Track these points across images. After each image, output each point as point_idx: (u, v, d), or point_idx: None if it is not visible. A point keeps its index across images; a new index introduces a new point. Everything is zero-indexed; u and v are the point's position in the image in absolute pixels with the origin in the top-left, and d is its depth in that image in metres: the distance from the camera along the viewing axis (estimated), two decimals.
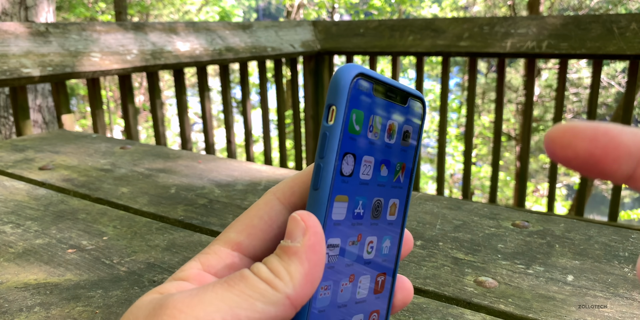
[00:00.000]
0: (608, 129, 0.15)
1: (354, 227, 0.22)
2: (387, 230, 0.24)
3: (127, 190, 0.59)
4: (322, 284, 0.21)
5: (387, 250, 0.24)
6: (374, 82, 0.22)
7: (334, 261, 0.21)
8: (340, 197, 0.21)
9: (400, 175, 0.24)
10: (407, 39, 1.71)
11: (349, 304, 0.22)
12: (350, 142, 0.21)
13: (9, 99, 1.49)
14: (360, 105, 0.21)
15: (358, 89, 0.21)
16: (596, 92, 1.51)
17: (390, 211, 0.24)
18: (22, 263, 0.42)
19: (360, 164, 0.22)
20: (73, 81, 5.61)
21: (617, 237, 0.45)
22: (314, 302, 0.21)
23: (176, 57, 1.43)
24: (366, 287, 0.23)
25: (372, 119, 0.22)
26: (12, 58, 1.10)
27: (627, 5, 6.22)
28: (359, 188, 0.22)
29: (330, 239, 0.21)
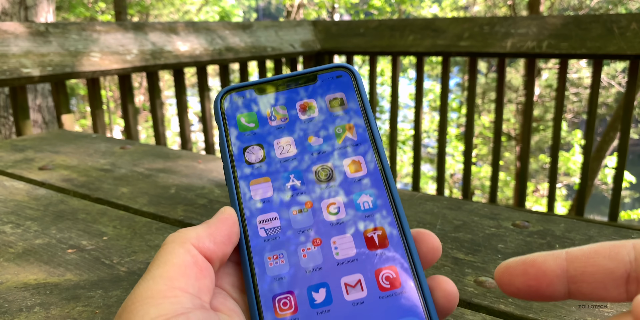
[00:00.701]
0: (534, 260, 0.18)
1: (295, 197, 0.24)
2: (358, 186, 0.24)
3: (127, 190, 0.59)
4: (268, 254, 0.23)
5: (370, 204, 0.24)
6: (252, 87, 0.26)
7: (277, 233, 0.23)
8: (257, 180, 0.25)
9: (349, 136, 0.25)
10: (407, 39, 1.71)
11: (325, 266, 0.22)
12: (247, 137, 0.25)
13: (9, 98, 1.49)
14: (244, 109, 0.26)
15: (233, 101, 0.26)
16: (596, 92, 1.51)
17: (350, 169, 0.24)
18: (21, 263, 0.42)
19: (272, 148, 0.25)
20: (73, 81, 5.62)
21: (617, 237, 0.45)
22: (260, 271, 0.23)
23: (176, 57, 1.43)
24: (348, 246, 0.23)
25: (271, 111, 0.26)
26: (12, 58, 1.10)
27: (627, 5, 6.22)
28: (283, 165, 0.25)
29: (260, 215, 0.24)
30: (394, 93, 1.87)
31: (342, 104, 0.26)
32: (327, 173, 0.24)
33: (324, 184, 0.24)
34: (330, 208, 0.24)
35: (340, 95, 0.26)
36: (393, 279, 0.22)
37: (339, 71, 0.26)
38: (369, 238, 0.23)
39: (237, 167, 0.25)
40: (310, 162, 0.25)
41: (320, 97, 0.26)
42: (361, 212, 0.24)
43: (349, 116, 0.25)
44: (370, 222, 0.23)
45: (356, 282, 0.22)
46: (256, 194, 0.24)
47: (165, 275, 0.20)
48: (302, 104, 0.26)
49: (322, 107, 0.26)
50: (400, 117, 7.32)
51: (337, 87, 0.26)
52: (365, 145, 0.25)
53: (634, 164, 8.28)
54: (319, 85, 0.26)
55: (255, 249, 0.23)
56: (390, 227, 0.23)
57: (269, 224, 0.23)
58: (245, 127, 0.25)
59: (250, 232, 0.24)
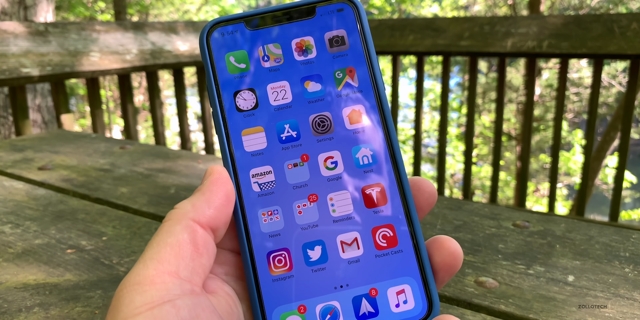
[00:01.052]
0: None
1: (290, 150, 0.22)
2: (357, 139, 0.23)
3: (127, 190, 0.59)
4: (262, 210, 0.22)
5: (370, 159, 0.22)
6: (241, 20, 0.23)
7: (271, 188, 0.22)
8: (249, 130, 0.23)
9: (349, 81, 0.23)
10: (407, 39, 1.71)
11: (321, 223, 0.22)
12: (237, 80, 0.23)
13: (8, 98, 1.49)
14: (234, 46, 0.23)
15: (221, 36, 0.23)
16: (597, 91, 1.50)
17: (350, 120, 0.23)
18: (21, 263, 0.42)
19: (265, 93, 0.23)
20: (72, 81, 5.61)
21: (618, 237, 0.44)
22: (254, 228, 0.22)
23: (176, 57, 1.43)
24: (345, 204, 0.22)
25: (263, 50, 0.23)
26: (12, 58, 1.10)
27: (627, 5, 6.22)
28: (277, 114, 0.23)
29: (254, 169, 0.22)
30: (394, 93, 1.86)
31: (342, 42, 0.23)
32: (325, 123, 0.23)
33: (321, 136, 0.23)
34: (328, 162, 0.22)
35: (341, 33, 0.23)
36: (390, 237, 0.22)
37: (340, 4, 0.23)
38: (367, 195, 0.22)
39: (227, 114, 0.23)
40: (307, 110, 0.23)
41: (318, 34, 0.23)
42: (360, 168, 0.22)
43: (350, 58, 0.23)
44: (369, 178, 0.22)
45: (352, 240, 0.22)
46: (249, 145, 0.22)
47: (156, 258, 0.19)
48: (298, 42, 0.23)
49: (321, 46, 0.23)
50: (401, 117, 7.31)
51: (338, 23, 0.23)
52: (366, 93, 0.23)
53: (634, 164, 8.29)
54: (317, 19, 0.23)
55: (249, 204, 0.22)
56: (389, 184, 0.22)
57: (263, 178, 0.22)
58: (235, 68, 0.23)
59: (243, 186, 0.22)
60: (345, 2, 0.23)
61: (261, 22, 0.23)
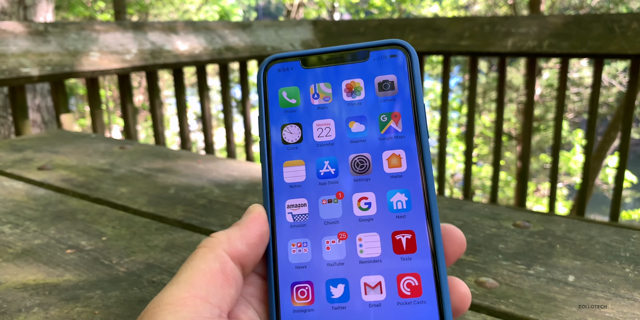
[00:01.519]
0: None
1: (327, 186, 0.23)
2: (394, 183, 0.23)
3: (126, 190, 0.59)
4: (292, 241, 0.23)
5: (404, 205, 0.22)
6: (298, 58, 0.24)
7: (304, 220, 0.23)
8: (291, 162, 0.23)
9: (393, 126, 0.23)
10: (407, 38, 1.71)
11: (348, 262, 0.22)
12: (287, 114, 0.24)
13: (8, 98, 1.49)
14: (288, 82, 0.24)
15: (277, 72, 0.24)
16: (597, 91, 1.50)
17: (389, 164, 0.23)
18: (20, 263, 0.42)
19: (310, 129, 0.24)
20: (72, 81, 5.61)
21: (618, 237, 0.44)
22: (282, 257, 0.22)
23: (175, 57, 1.43)
24: (373, 246, 0.22)
25: (314, 88, 0.24)
26: (11, 57, 1.10)
27: (628, 5, 6.21)
28: (319, 150, 0.23)
29: (290, 199, 0.23)
30: None
31: (392, 88, 0.24)
32: (364, 164, 0.23)
33: (358, 176, 0.23)
34: (362, 202, 0.23)
35: (392, 78, 0.24)
36: (415, 286, 0.21)
37: (394, 49, 0.24)
38: (396, 240, 0.22)
39: (273, 145, 0.24)
40: (348, 149, 0.23)
41: (369, 77, 0.24)
42: (393, 212, 0.22)
43: (397, 103, 0.23)
44: (401, 223, 0.22)
45: (376, 283, 0.21)
46: (288, 176, 0.23)
47: (189, 282, 0.20)
48: (348, 83, 0.24)
49: (370, 89, 0.24)
50: None
51: (389, 68, 0.24)
52: (409, 138, 0.23)
53: (635, 164, 8.28)
54: (370, 63, 0.24)
55: (281, 233, 0.23)
56: (421, 232, 0.22)
57: (297, 210, 0.23)
58: (286, 103, 0.24)
59: (278, 214, 0.23)
60: (398, 49, 0.24)
61: (316, 61, 0.24)
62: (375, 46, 0.24)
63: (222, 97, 1.79)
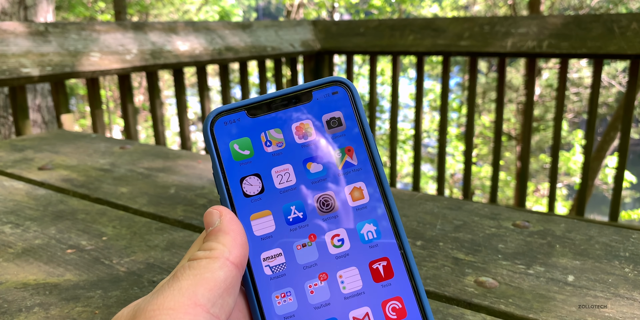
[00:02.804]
0: None
1: (298, 230, 0.23)
2: (360, 215, 0.24)
3: (127, 190, 0.59)
4: (275, 293, 0.23)
5: (374, 234, 0.23)
6: (243, 109, 0.24)
7: (282, 270, 0.23)
8: (257, 215, 0.24)
9: (349, 160, 0.24)
10: (407, 39, 1.71)
11: (333, 301, 0.22)
12: (243, 167, 0.24)
13: (9, 98, 1.49)
14: (237, 134, 0.24)
15: (224, 125, 0.24)
16: (597, 91, 1.50)
17: (353, 197, 0.24)
18: (21, 263, 0.42)
19: (270, 177, 0.24)
20: (72, 81, 5.61)
21: (617, 237, 0.44)
22: (269, 311, 0.22)
23: (176, 57, 1.43)
24: (354, 280, 0.23)
25: (265, 136, 0.24)
26: (12, 58, 1.10)
27: (627, 5, 6.21)
28: (283, 196, 0.24)
29: (264, 252, 0.23)
30: (394, 93, 1.86)
31: (340, 123, 0.24)
32: (329, 202, 0.24)
33: (326, 215, 0.23)
34: (334, 240, 0.23)
35: (338, 115, 0.24)
36: (399, 309, 0.22)
37: (334, 87, 0.25)
38: (374, 270, 0.23)
39: (235, 201, 0.24)
40: (311, 191, 0.24)
41: (316, 117, 0.24)
42: (365, 243, 0.23)
43: (348, 137, 0.24)
44: (375, 252, 0.23)
45: (364, 315, 0.22)
46: (258, 229, 0.23)
47: (192, 289, 0.20)
48: (297, 126, 0.24)
49: (319, 129, 0.24)
50: (401, 117, 7.31)
51: (333, 105, 0.24)
52: (365, 170, 0.24)
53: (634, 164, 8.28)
54: (314, 103, 0.25)
55: (262, 287, 0.23)
56: (394, 257, 0.23)
57: (274, 261, 0.23)
58: (239, 155, 0.24)
59: (255, 270, 0.23)
60: (339, 85, 0.25)
61: (261, 109, 0.24)
62: (316, 86, 0.25)
63: (222, 97, 1.79)
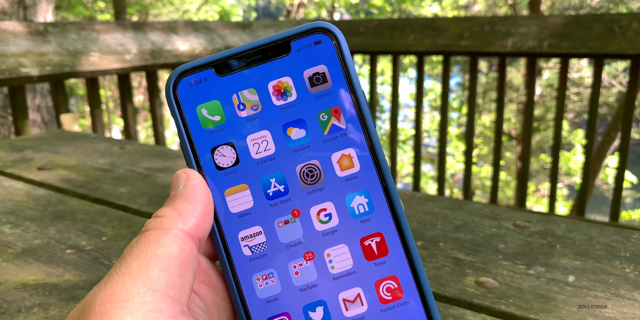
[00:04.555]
0: None
1: (279, 206, 0.21)
2: (350, 187, 0.21)
3: (126, 190, 0.59)
4: (256, 275, 0.21)
5: (366, 207, 0.21)
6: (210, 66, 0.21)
7: (263, 249, 0.21)
8: (232, 189, 0.21)
9: (336, 123, 0.21)
10: (407, 38, 1.71)
11: (321, 282, 0.20)
12: (214, 135, 0.21)
13: (8, 98, 1.49)
14: (205, 97, 0.21)
15: (189, 86, 0.21)
16: (597, 91, 1.50)
17: (341, 166, 0.21)
18: (20, 263, 0.42)
19: (245, 146, 0.21)
20: (72, 81, 5.61)
21: (618, 237, 0.44)
22: (249, 294, 0.20)
23: (175, 57, 1.43)
24: (344, 258, 0.21)
25: (237, 98, 0.21)
26: (11, 57, 1.10)
27: (628, 5, 6.21)
28: (261, 168, 0.21)
29: (242, 231, 0.21)
30: (394, 92, 1.86)
31: (324, 80, 0.21)
32: (314, 173, 0.21)
33: (311, 187, 0.21)
34: (321, 215, 0.21)
35: (322, 69, 0.21)
36: (395, 289, 0.20)
37: (317, 35, 0.21)
38: (366, 247, 0.21)
39: (207, 174, 0.21)
40: (293, 160, 0.21)
41: (297, 73, 0.21)
42: (356, 217, 0.21)
43: (334, 96, 0.21)
44: (366, 228, 0.21)
45: (355, 296, 0.20)
46: (234, 205, 0.21)
47: (144, 272, 0.17)
48: (275, 84, 0.21)
49: (301, 87, 0.21)
50: (401, 117, 7.31)
51: (317, 58, 0.21)
52: (356, 134, 0.21)
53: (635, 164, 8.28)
54: (293, 56, 0.21)
55: (241, 269, 0.20)
56: (389, 232, 0.21)
57: (253, 240, 0.21)
58: (209, 121, 0.21)
59: (233, 250, 0.21)
60: (322, 33, 0.21)
61: (231, 65, 0.21)
62: (294, 35, 0.21)
63: None
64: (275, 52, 0.21)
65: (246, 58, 0.21)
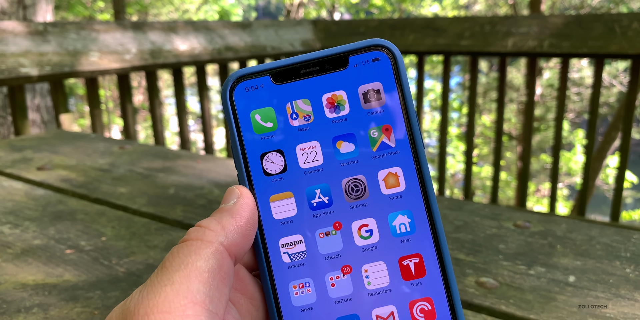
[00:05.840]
0: None
1: (322, 217, 0.21)
2: (394, 205, 0.21)
3: (126, 190, 0.59)
4: (292, 283, 0.21)
5: (408, 228, 0.21)
6: (267, 73, 0.21)
7: (302, 258, 0.21)
8: (278, 196, 0.21)
9: (385, 141, 0.21)
10: (407, 38, 1.71)
11: (356, 297, 0.21)
12: (264, 141, 0.21)
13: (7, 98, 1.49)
14: (259, 103, 0.21)
15: (245, 91, 0.21)
16: (598, 91, 1.50)
17: (387, 184, 0.21)
18: (20, 264, 0.41)
19: (294, 155, 0.21)
20: (71, 81, 5.61)
21: (618, 237, 0.44)
22: (285, 301, 0.21)
23: (175, 57, 1.43)
24: (381, 275, 0.21)
25: (291, 107, 0.21)
26: (11, 57, 1.10)
27: (628, 4, 6.21)
28: (307, 177, 0.21)
29: (283, 238, 0.21)
30: None
31: (378, 97, 0.21)
32: (359, 188, 0.21)
33: (354, 202, 0.21)
34: (362, 231, 0.21)
35: (377, 86, 0.21)
36: (428, 311, 0.20)
37: (376, 52, 0.21)
38: (404, 266, 0.21)
39: (254, 179, 0.21)
40: (339, 173, 0.21)
41: (351, 88, 0.21)
42: (397, 237, 0.21)
43: (387, 114, 0.21)
44: (406, 248, 0.21)
45: (388, 314, 0.21)
46: (278, 212, 0.21)
47: (185, 284, 0.17)
48: (329, 97, 0.21)
49: (354, 102, 0.21)
50: None
51: (373, 75, 0.21)
52: (404, 153, 0.21)
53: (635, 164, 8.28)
54: (350, 71, 0.21)
55: (279, 275, 0.21)
56: (428, 254, 0.21)
57: (293, 248, 0.21)
58: (261, 128, 0.21)
59: (273, 256, 0.21)
60: (381, 51, 0.21)
61: (288, 74, 0.21)
62: (353, 50, 0.21)
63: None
64: (333, 65, 0.21)
65: (304, 68, 0.21)
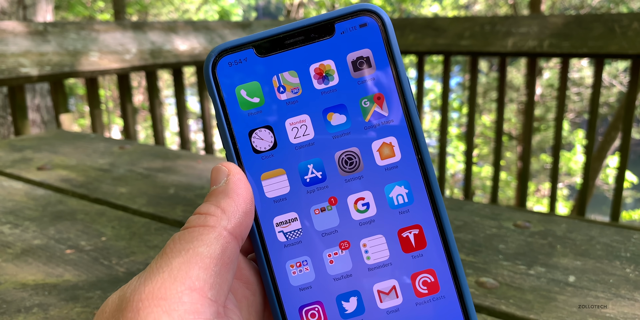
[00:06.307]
0: None
1: (316, 193, 0.20)
2: (390, 176, 0.20)
3: (126, 190, 0.59)
4: (289, 262, 0.20)
5: (405, 198, 0.20)
6: (250, 46, 0.20)
7: (298, 236, 0.20)
8: (269, 174, 0.20)
9: (378, 110, 0.20)
10: (407, 38, 1.71)
11: (356, 273, 0.20)
12: (252, 117, 0.20)
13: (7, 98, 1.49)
14: (244, 77, 0.20)
15: (229, 66, 0.20)
16: (598, 91, 1.50)
17: (381, 155, 0.20)
18: (20, 264, 0.41)
19: (284, 130, 0.20)
20: (71, 81, 5.61)
21: (618, 237, 0.44)
22: (282, 281, 0.20)
23: (175, 56, 1.43)
24: (380, 249, 0.20)
25: (277, 80, 0.20)
26: (11, 57, 1.10)
27: (628, 4, 6.21)
28: (299, 153, 0.20)
29: (277, 217, 0.21)
30: None
31: (368, 65, 0.20)
32: (353, 160, 0.20)
33: (349, 175, 0.20)
34: (358, 204, 0.20)
35: (367, 53, 0.20)
36: (431, 283, 0.20)
37: (363, 17, 0.20)
38: (404, 238, 0.20)
39: (243, 158, 0.20)
40: (331, 146, 0.20)
41: (340, 56, 0.20)
42: (395, 208, 0.20)
43: (378, 82, 0.20)
44: (405, 219, 0.20)
45: (390, 288, 0.20)
46: (270, 190, 0.20)
47: (184, 270, 0.17)
48: (317, 67, 0.20)
49: (343, 71, 0.20)
50: None
51: (361, 41, 0.20)
52: (398, 122, 0.20)
53: (635, 164, 8.28)
54: (337, 39, 0.20)
55: (275, 255, 0.20)
56: (428, 225, 0.20)
57: (288, 227, 0.20)
58: (247, 103, 0.20)
59: (267, 236, 0.20)
60: (368, 15, 0.20)
61: (273, 46, 0.20)
62: (339, 17, 0.20)
63: None
64: (319, 33, 0.20)
65: (288, 39, 0.20)
